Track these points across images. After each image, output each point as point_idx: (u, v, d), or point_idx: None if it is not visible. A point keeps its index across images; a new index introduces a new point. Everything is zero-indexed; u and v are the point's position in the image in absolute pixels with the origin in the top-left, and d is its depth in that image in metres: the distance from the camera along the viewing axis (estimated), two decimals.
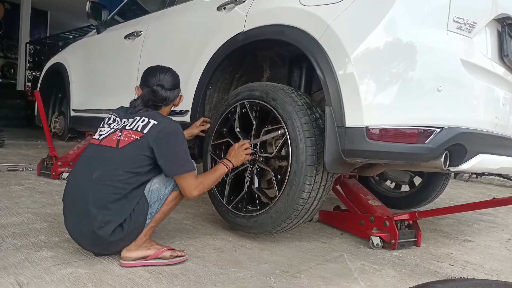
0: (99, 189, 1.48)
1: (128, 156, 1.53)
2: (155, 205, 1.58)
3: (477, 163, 1.73)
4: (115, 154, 1.53)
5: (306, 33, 1.75)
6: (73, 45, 4.09)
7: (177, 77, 1.79)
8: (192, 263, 1.61)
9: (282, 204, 1.77)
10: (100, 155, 1.57)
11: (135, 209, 1.52)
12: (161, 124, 1.58)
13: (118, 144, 1.55)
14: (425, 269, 1.78)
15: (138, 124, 1.59)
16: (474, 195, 4.24)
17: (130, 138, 1.55)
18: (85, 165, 1.58)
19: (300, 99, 1.80)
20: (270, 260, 1.73)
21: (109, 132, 1.62)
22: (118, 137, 1.57)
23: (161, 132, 1.55)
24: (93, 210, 1.47)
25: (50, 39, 10.72)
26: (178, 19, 2.61)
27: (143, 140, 1.54)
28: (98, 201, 1.48)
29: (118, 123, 1.65)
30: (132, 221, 1.52)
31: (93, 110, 3.28)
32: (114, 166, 1.51)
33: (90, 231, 1.48)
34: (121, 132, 1.58)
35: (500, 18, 1.89)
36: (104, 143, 1.58)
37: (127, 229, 1.51)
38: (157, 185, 1.59)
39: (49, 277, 1.39)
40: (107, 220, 1.47)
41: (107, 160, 1.53)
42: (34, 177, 3.28)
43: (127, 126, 1.60)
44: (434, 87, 1.60)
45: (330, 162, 1.66)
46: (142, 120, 1.60)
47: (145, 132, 1.55)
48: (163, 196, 1.59)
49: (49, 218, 2.09)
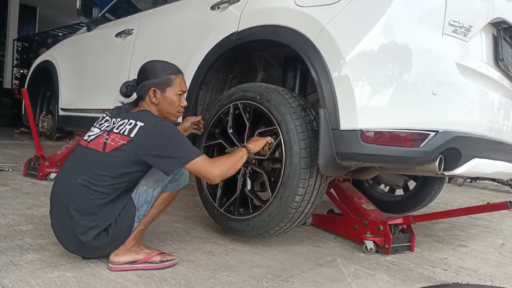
0: (84, 194, 1.44)
1: (114, 161, 1.47)
2: (143, 208, 1.53)
3: (471, 168, 1.72)
4: (101, 159, 1.48)
5: (301, 34, 1.73)
6: (62, 43, 4.03)
7: (142, 70, 1.66)
8: (182, 267, 1.58)
9: (275, 207, 1.75)
10: (86, 158, 1.51)
11: (121, 213, 1.48)
12: (147, 125, 1.49)
13: (105, 148, 1.49)
14: (418, 274, 1.77)
15: (125, 128, 1.51)
16: (469, 200, 4.25)
17: (117, 143, 1.48)
18: (71, 167, 1.54)
19: (295, 101, 1.78)
20: (262, 264, 1.70)
21: (97, 134, 1.56)
22: (105, 140, 1.51)
23: (148, 133, 1.47)
24: (76, 215, 1.43)
25: (38, 36, 10.62)
26: (171, 18, 2.59)
27: (130, 144, 1.47)
28: (82, 206, 1.44)
29: (108, 124, 1.59)
30: (118, 226, 1.47)
31: (82, 109, 3.23)
32: (100, 171, 1.46)
33: (73, 235, 1.44)
34: (108, 135, 1.52)
35: (495, 22, 1.89)
36: (91, 146, 1.53)
37: (112, 233, 1.46)
38: (145, 187, 1.53)
39: (34, 280, 1.35)
40: (91, 226, 1.43)
41: (93, 164, 1.48)
42: (20, 177, 3.22)
43: (114, 129, 1.53)
44: (429, 91, 1.59)
45: (324, 165, 1.64)
46: (130, 123, 1.52)
47: (132, 136, 1.48)
48: (151, 198, 1.54)
49: (35, 220, 2.05)
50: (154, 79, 1.62)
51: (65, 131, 3.77)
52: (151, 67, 1.66)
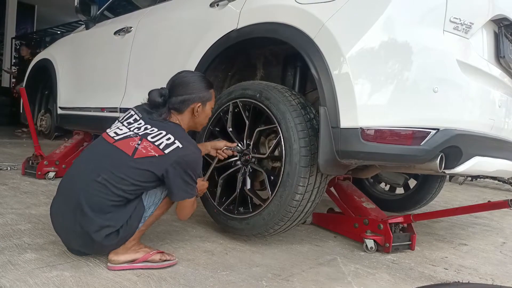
0: (101, 193, 1.42)
1: (140, 169, 1.46)
2: (150, 210, 1.53)
3: (472, 166, 1.71)
4: (128, 163, 1.45)
5: (301, 32, 1.72)
6: (60, 41, 4.01)
7: (183, 83, 1.65)
8: (181, 266, 1.57)
9: (275, 206, 1.74)
10: (112, 158, 1.48)
11: (132, 215, 1.47)
12: (185, 150, 1.49)
13: (135, 154, 1.47)
14: (419, 273, 1.76)
15: (162, 141, 1.49)
16: (469, 198, 4.24)
17: (149, 153, 1.47)
18: (93, 161, 1.51)
19: (294, 99, 1.77)
20: (262, 263, 1.70)
21: (127, 134, 1.53)
22: (136, 145, 1.49)
23: (183, 158, 1.47)
24: (89, 212, 1.41)
25: (37, 34, 10.53)
26: (170, 16, 2.57)
27: (161, 160, 1.46)
28: (97, 204, 1.42)
29: (139, 127, 1.56)
30: (128, 227, 1.47)
31: (81, 108, 3.21)
32: (123, 175, 1.44)
33: (83, 231, 1.42)
34: (141, 141, 1.50)
35: (496, 19, 1.87)
36: (119, 146, 1.50)
37: (122, 234, 1.46)
38: (154, 189, 1.53)
39: (33, 280, 1.34)
40: (104, 225, 1.42)
41: (118, 166, 1.45)
42: (19, 176, 3.21)
43: (148, 137, 1.51)
44: (430, 88, 1.58)
45: (324, 163, 1.63)
46: (168, 137, 1.50)
47: (166, 152, 1.47)
48: (159, 200, 1.54)
49: (33, 219, 2.04)
50: (200, 94, 1.66)
51: (63, 129, 3.74)
52: (193, 81, 1.67)
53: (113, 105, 2.78)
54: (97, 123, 2.97)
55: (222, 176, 1.98)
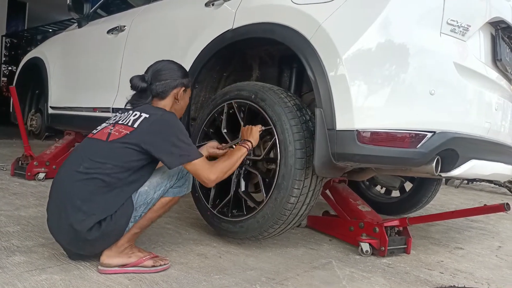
0: (86, 181, 1.42)
1: (116, 150, 1.46)
2: (141, 209, 1.50)
3: (469, 169, 1.70)
4: (103, 147, 1.48)
5: (297, 32, 1.70)
6: (52, 39, 3.96)
7: (165, 69, 1.66)
8: (174, 270, 1.55)
9: (269, 209, 1.72)
10: (89, 147, 1.52)
11: (118, 210, 1.45)
12: (152, 116, 1.50)
13: (108, 138, 1.49)
14: (415, 277, 1.75)
15: (129, 119, 1.52)
16: (465, 202, 4.24)
17: (121, 133, 1.49)
18: (75, 157, 1.54)
19: (290, 100, 1.75)
20: (256, 267, 1.68)
21: (103, 126, 1.58)
22: (109, 131, 1.52)
23: (152, 124, 1.48)
24: (77, 202, 1.40)
25: (28, 32, 10.44)
26: (164, 15, 2.55)
27: (133, 134, 1.47)
28: (81, 192, 1.41)
29: (115, 118, 1.60)
30: (113, 222, 1.44)
31: (72, 107, 3.17)
32: (102, 159, 1.45)
33: (68, 224, 1.40)
34: (114, 127, 1.53)
35: (494, 22, 1.87)
36: (95, 137, 1.54)
37: (105, 228, 1.43)
38: (146, 188, 1.51)
39: (21, 283, 1.32)
40: (90, 213, 1.40)
41: (95, 152, 1.48)
42: (8, 177, 3.16)
43: (119, 121, 1.55)
44: (426, 90, 1.58)
45: (319, 165, 1.62)
46: (134, 114, 1.53)
47: (135, 126, 1.48)
48: (150, 200, 1.51)
49: (23, 221, 2.00)
50: (182, 80, 1.69)
51: (54, 130, 3.70)
52: (174, 68, 1.69)
53: (105, 105, 2.75)
54: (89, 123, 2.91)
55: None
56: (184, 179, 1.58)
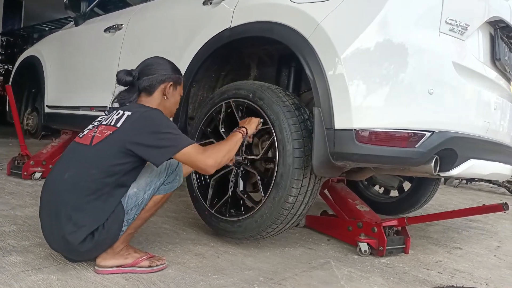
0: (73, 190, 1.38)
1: (101, 153, 1.42)
2: (132, 212, 1.47)
3: (467, 169, 1.70)
4: (88, 152, 1.44)
5: (296, 31, 1.70)
6: (49, 38, 3.94)
7: (153, 64, 1.63)
8: (171, 270, 1.54)
9: (267, 209, 1.72)
10: (75, 154, 1.48)
11: (109, 218, 1.41)
12: (134, 114, 1.45)
13: (92, 141, 1.45)
14: (413, 277, 1.74)
15: (112, 118, 1.48)
16: (464, 201, 4.25)
17: (104, 134, 1.44)
18: (61, 164, 1.50)
19: (288, 100, 1.74)
20: (254, 266, 1.67)
21: (89, 129, 1.54)
22: (93, 134, 1.47)
23: (135, 122, 1.43)
24: (65, 213, 1.37)
25: (24, 30, 10.35)
26: (162, 13, 2.54)
27: (117, 133, 1.43)
28: (70, 203, 1.38)
29: (101, 119, 1.55)
30: (105, 231, 1.41)
31: (69, 106, 3.16)
32: (87, 165, 1.41)
33: (60, 235, 1.38)
34: (97, 128, 1.49)
35: (492, 21, 1.87)
36: (80, 141, 1.50)
37: (98, 238, 1.40)
38: (135, 190, 1.47)
39: (18, 284, 1.31)
40: (80, 225, 1.37)
41: (80, 159, 1.44)
42: (4, 177, 3.14)
43: (103, 122, 1.51)
44: (425, 90, 1.57)
45: (318, 165, 1.61)
46: (118, 113, 1.49)
47: (118, 125, 1.44)
48: (142, 201, 1.48)
49: (19, 221, 1.99)
50: (171, 75, 1.64)
51: (50, 129, 3.68)
52: (163, 62, 1.66)
53: (102, 104, 2.73)
54: (86, 122, 2.89)
55: (213, 178, 1.94)
56: (174, 174, 1.53)
